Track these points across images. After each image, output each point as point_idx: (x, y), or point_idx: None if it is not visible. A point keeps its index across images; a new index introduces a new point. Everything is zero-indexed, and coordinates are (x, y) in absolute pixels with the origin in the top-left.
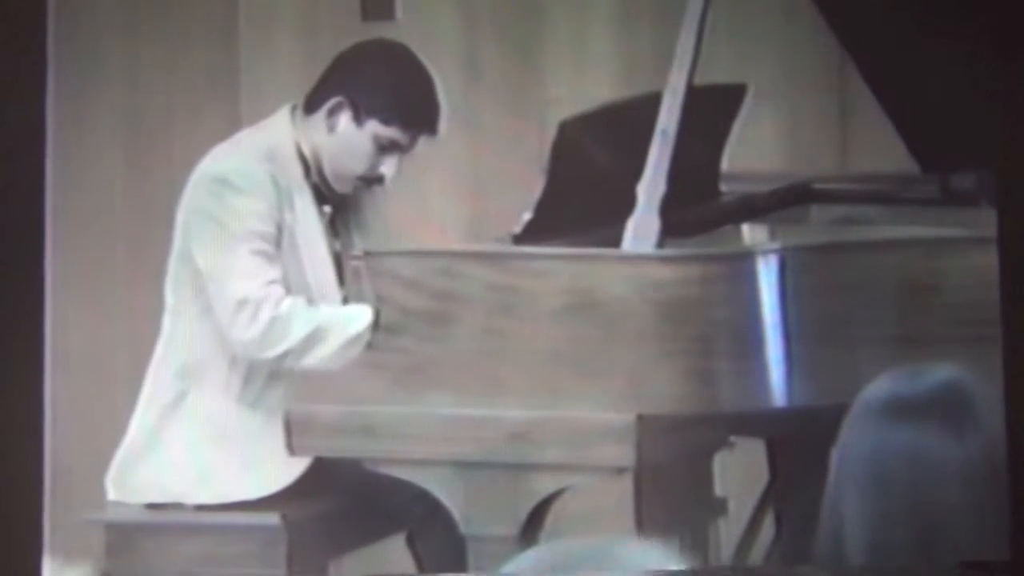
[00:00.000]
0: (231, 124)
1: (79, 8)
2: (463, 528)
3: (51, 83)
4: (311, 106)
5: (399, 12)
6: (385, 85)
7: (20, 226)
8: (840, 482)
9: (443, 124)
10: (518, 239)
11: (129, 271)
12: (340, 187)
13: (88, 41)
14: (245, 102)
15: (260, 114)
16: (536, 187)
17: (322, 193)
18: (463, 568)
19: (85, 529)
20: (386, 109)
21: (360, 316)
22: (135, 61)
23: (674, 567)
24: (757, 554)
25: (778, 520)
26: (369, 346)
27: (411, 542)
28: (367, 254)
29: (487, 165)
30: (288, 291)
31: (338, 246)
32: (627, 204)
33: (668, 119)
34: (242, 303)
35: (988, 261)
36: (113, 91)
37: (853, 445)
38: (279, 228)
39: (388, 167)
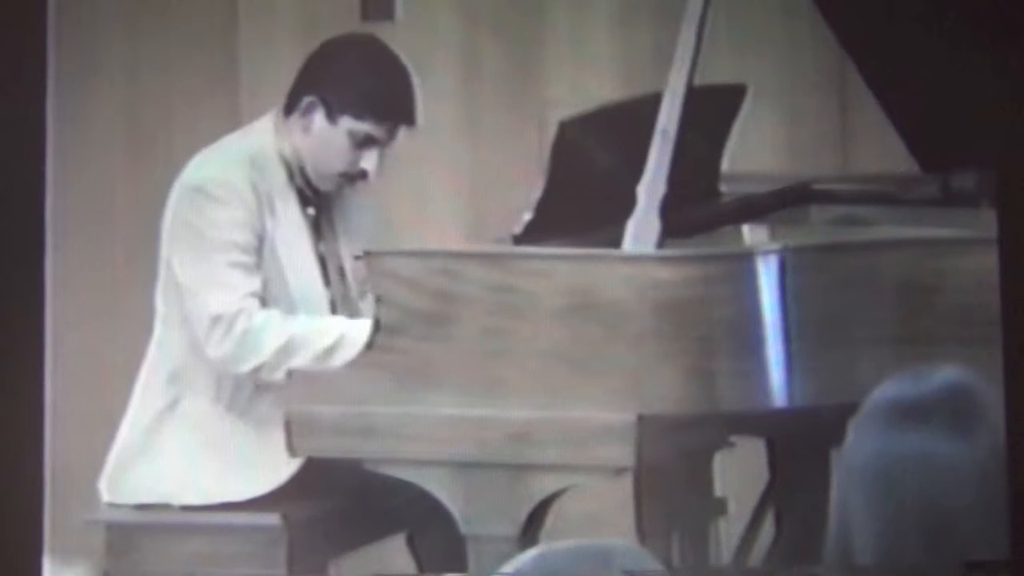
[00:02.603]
0: (231, 124)
1: (79, 8)
2: (463, 528)
3: (51, 83)
4: (288, 108)
5: (399, 12)
6: (353, 80)
7: (20, 226)
8: (847, 488)
9: (420, 114)
10: (518, 239)
11: (129, 271)
12: (323, 186)
13: (88, 41)
14: (245, 102)
15: (260, 114)
16: (536, 187)
17: (306, 195)
18: (463, 568)
19: (85, 529)
20: (357, 104)
21: (333, 329)
22: (135, 61)
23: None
24: (757, 554)
25: (778, 520)
26: (369, 346)
27: (411, 542)
28: (367, 254)
29: (487, 165)
30: (270, 298)
31: (323, 248)
32: (627, 204)
33: (668, 119)
34: (217, 319)
35: (989, 262)
36: (113, 91)
37: (859, 450)
38: (260, 237)
39: (368, 162)
